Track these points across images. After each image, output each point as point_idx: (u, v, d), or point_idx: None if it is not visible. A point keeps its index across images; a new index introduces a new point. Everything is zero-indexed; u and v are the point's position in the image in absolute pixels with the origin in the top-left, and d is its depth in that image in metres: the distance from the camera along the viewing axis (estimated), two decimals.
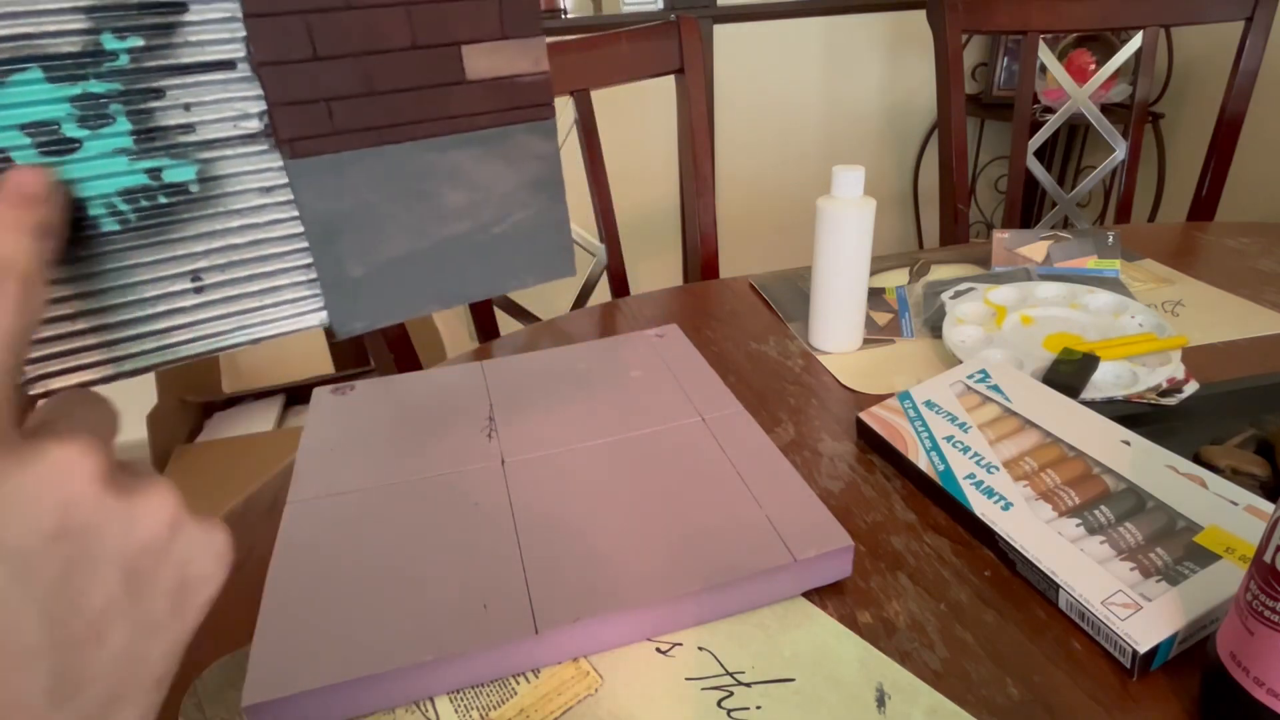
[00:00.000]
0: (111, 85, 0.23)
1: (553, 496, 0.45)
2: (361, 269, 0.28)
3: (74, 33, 0.22)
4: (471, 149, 0.29)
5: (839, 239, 0.62)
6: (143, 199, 0.24)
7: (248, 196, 0.26)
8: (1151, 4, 1.01)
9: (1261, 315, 0.70)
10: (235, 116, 0.25)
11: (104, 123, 0.23)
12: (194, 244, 0.25)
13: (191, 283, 0.26)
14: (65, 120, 0.23)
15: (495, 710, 0.36)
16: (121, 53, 0.23)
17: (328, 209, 0.27)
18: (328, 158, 0.26)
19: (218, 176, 0.25)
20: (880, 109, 2.12)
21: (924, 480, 0.48)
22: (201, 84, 0.24)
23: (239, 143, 0.25)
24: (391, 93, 0.27)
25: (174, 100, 0.24)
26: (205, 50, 0.24)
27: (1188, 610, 0.36)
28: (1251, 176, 1.67)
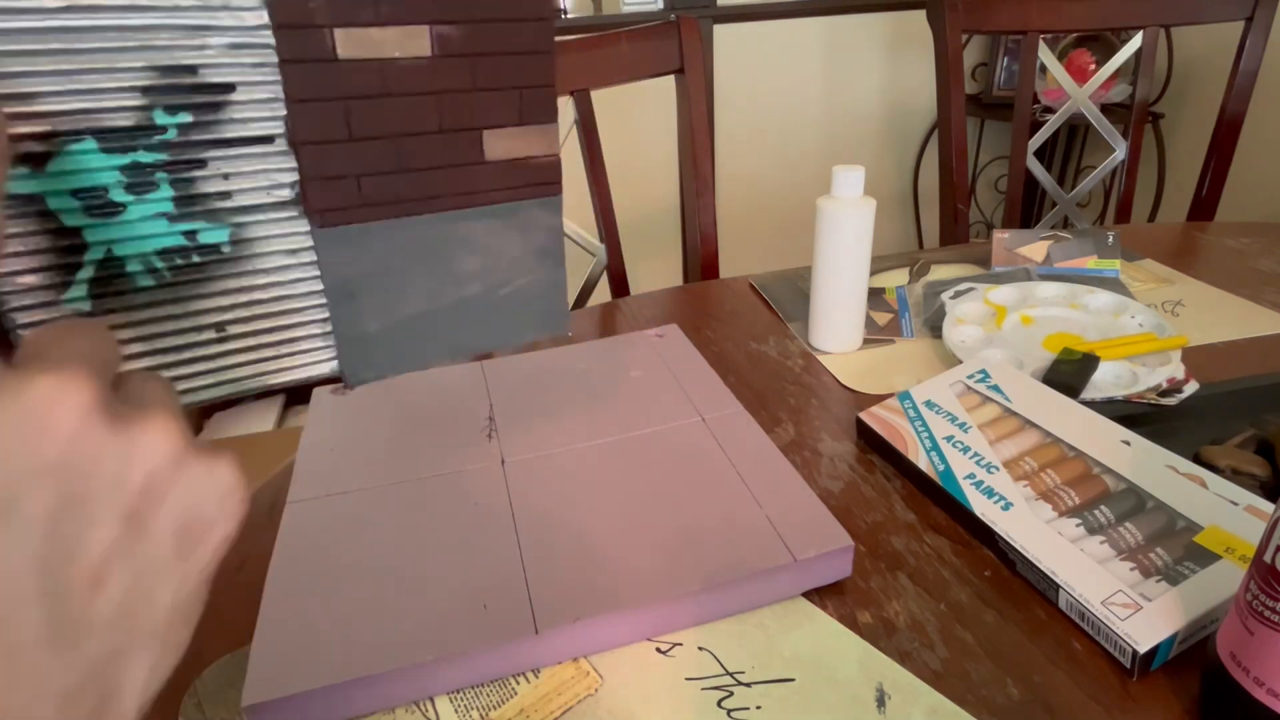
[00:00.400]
0: (159, 156, 0.25)
1: (553, 496, 0.45)
2: (377, 326, 0.30)
3: (129, 109, 0.24)
4: (486, 221, 0.31)
5: (839, 239, 0.62)
6: (178, 258, 0.26)
7: (275, 258, 0.28)
8: (1151, 4, 1.01)
9: (1261, 315, 0.70)
10: (269, 186, 0.27)
11: (148, 189, 0.25)
12: (221, 299, 0.27)
13: (215, 333, 0.27)
14: (114, 186, 0.25)
15: (495, 710, 0.36)
16: (171, 127, 0.25)
17: (349, 272, 0.29)
18: (354, 227, 0.28)
19: (249, 239, 0.27)
20: (880, 109, 2.12)
21: (924, 480, 0.48)
22: (241, 156, 0.26)
23: (271, 209, 0.27)
24: (417, 171, 0.29)
25: (214, 170, 0.26)
26: (247, 126, 0.26)
27: (1188, 610, 0.36)
28: (1251, 176, 1.67)
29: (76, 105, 0.23)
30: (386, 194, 0.29)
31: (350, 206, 0.28)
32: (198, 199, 0.26)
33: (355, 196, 0.28)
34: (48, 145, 0.23)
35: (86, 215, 0.24)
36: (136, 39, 0.24)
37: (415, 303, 0.30)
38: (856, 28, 1.99)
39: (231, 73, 0.25)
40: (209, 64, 0.25)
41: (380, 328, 0.30)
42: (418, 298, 0.30)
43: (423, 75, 0.28)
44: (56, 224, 0.24)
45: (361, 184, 0.28)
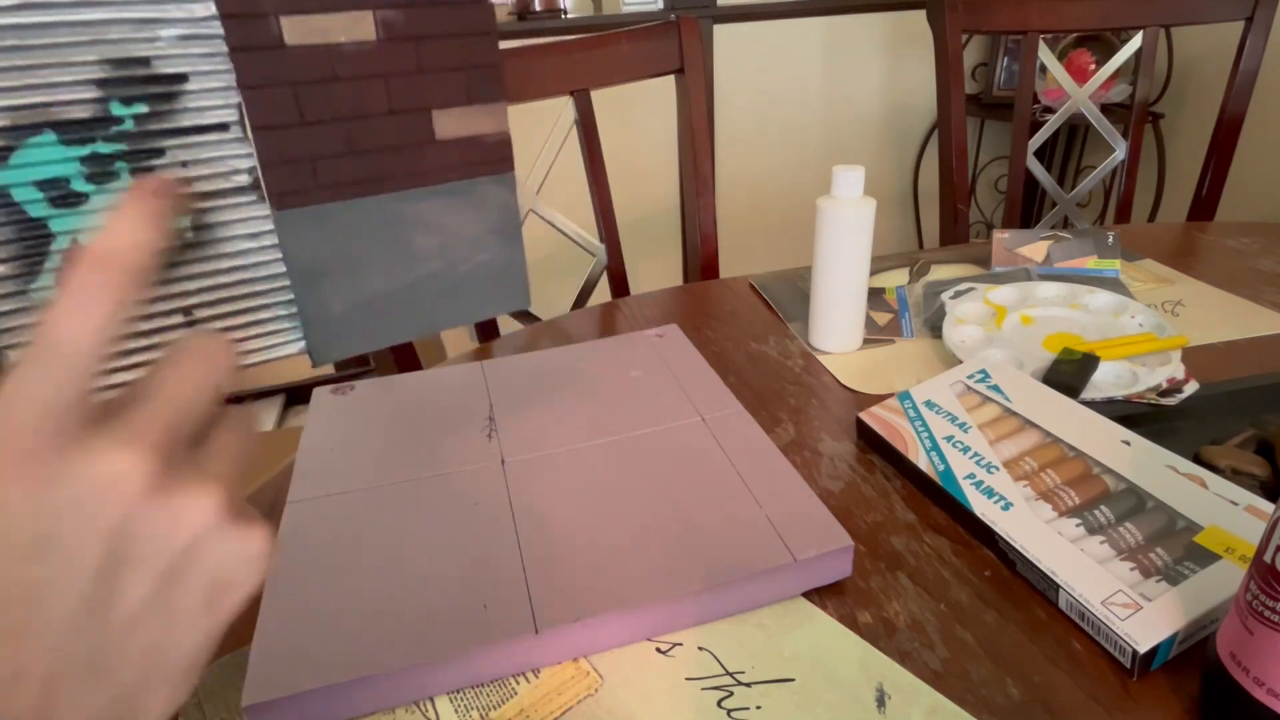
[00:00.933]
0: (117, 146, 0.26)
1: (553, 496, 0.45)
2: (341, 306, 0.31)
3: (86, 101, 0.25)
4: (440, 199, 0.32)
5: (839, 239, 0.62)
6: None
7: (237, 242, 0.28)
8: (1151, 4, 1.01)
9: (1261, 315, 0.70)
10: (227, 172, 0.28)
11: (109, 179, 0.26)
12: (187, 283, 0.28)
13: (183, 316, 0.28)
14: (75, 177, 0.25)
15: (495, 710, 0.36)
16: (128, 118, 0.26)
17: (310, 254, 0.29)
18: (311, 209, 0.29)
19: (210, 225, 0.28)
20: (880, 109, 2.12)
21: (924, 480, 0.48)
22: (198, 144, 0.27)
23: (230, 195, 0.28)
24: (370, 151, 0.30)
25: (173, 158, 0.27)
26: (202, 114, 0.27)
27: (1188, 610, 0.36)
28: (1251, 176, 1.67)
29: (34, 99, 0.24)
30: (341, 176, 0.29)
31: (306, 189, 0.29)
32: None
33: (310, 179, 0.29)
34: (8, 139, 0.24)
35: (50, 206, 0.25)
36: (89, 33, 0.24)
37: (376, 282, 0.31)
38: (856, 28, 1.99)
39: (183, 63, 0.26)
40: (161, 55, 0.26)
41: (344, 308, 0.31)
42: (378, 277, 0.31)
43: (369, 59, 0.29)
44: (22, 215, 0.25)
45: (316, 167, 0.29)
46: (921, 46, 2.04)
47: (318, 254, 0.30)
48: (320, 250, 0.30)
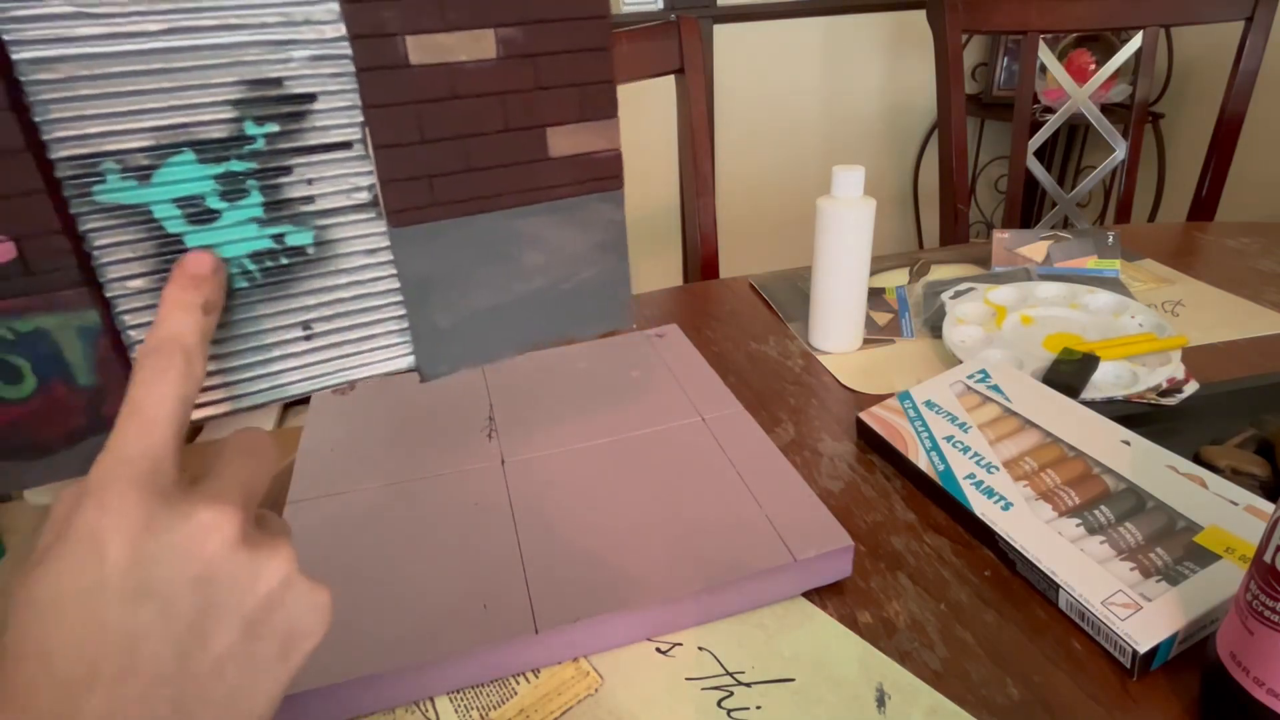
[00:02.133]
0: (249, 164, 0.27)
1: (553, 496, 0.45)
2: (449, 321, 0.31)
3: (222, 121, 0.26)
4: (550, 216, 0.32)
5: (839, 239, 0.62)
6: (268, 260, 0.28)
7: (355, 258, 0.30)
8: (1151, 4, 1.01)
9: (1261, 315, 0.70)
10: (349, 189, 0.29)
11: (241, 196, 0.27)
12: (307, 298, 0.29)
13: (302, 331, 0.29)
14: (209, 194, 0.27)
15: (495, 710, 0.36)
16: (259, 137, 0.27)
17: (423, 269, 0.30)
18: (426, 226, 0.30)
19: (331, 241, 0.29)
20: (880, 109, 2.12)
21: (924, 480, 0.48)
22: (323, 162, 0.28)
23: (350, 211, 0.29)
24: (485, 169, 0.30)
25: (299, 176, 0.28)
26: (327, 133, 0.28)
27: (1188, 610, 0.36)
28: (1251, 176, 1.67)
29: (177, 120, 0.26)
30: (456, 193, 0.30)
31: (423, 206, 0.30)
32: (284, 204, 0.28)
33: (427, 196, 0.30)
34: (151, 158, 0.26)
35: (187, 222, 0.27)
36: (229, 55, 0.26)
37: (484, 297, 0.32)
38: (856, 28, 1.99)
39: (313, 83, 0.27)
40: (293, 75, 0.27)
41: (452, 322, 0.32)
42: (486, 293, 0.32)
43: (488, 77, 0.29)
44: (161, 231, 0.26)
45: (433, 184, 0.30)
46: (921, 46, 2.04)
47: (430, 269, 0.31)
48: (432, 266, 0.31)
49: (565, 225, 0.32)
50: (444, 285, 0.31)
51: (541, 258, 0.32)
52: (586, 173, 0.32)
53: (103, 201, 0.25)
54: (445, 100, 0.29)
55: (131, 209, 0.26)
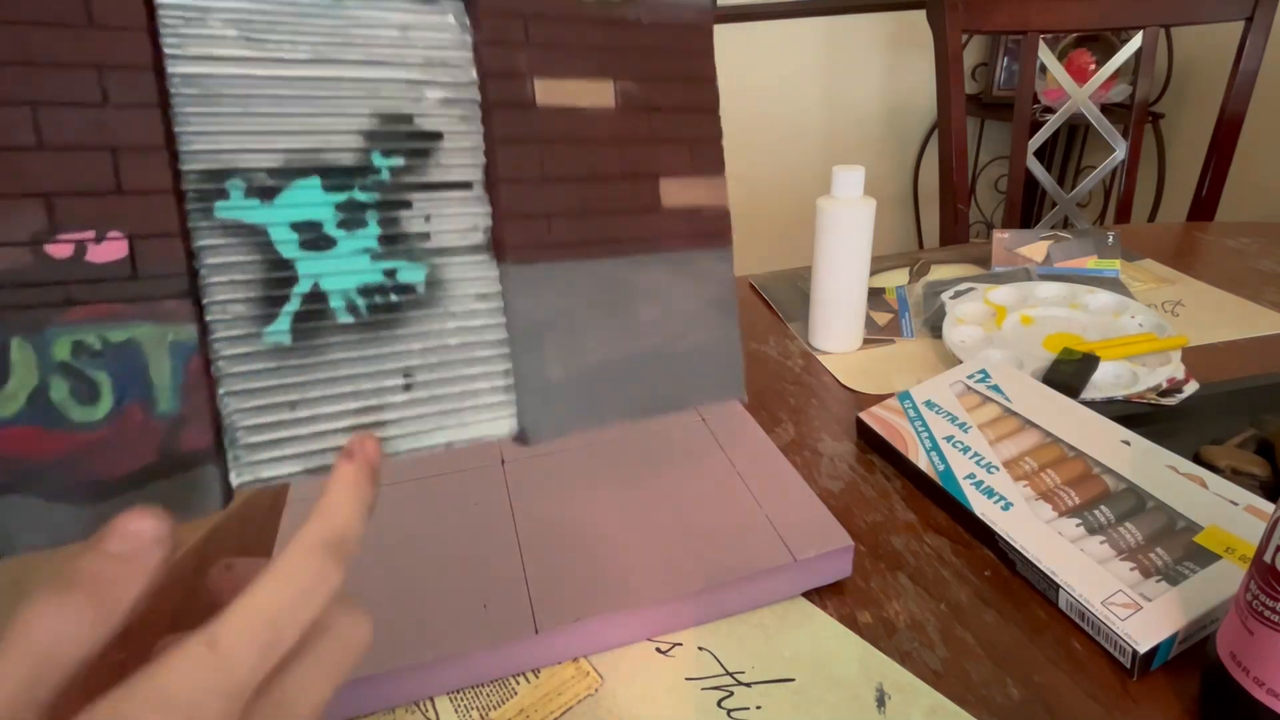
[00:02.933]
0: (372, 195, 0.27)
1: (553, 496, 0.45)
2: (560, 373, 0.30)
3: (352, 150, 0.26)
4: (663, 268, 0.32)
5: (839, 239, 0.62)
6: (377, 296, 0.27)
7: (465, 300, 0.29)
8: (1151, 4, 1.01)
9: (1261, 315, 0.70)
10: (465, 229, 0.29)
11: (359, 226, 0.27)
12: (412, 342, 0.28)
13: (403, 378, 0.28)
14: (328, 221, 0.26)
15: (495, 710, 0.36)
16: (385, 169, 0.27)
17: (536, 312, 0.30)
18: (541, 266, 0.30)
19: (442, 280, 0.28)
20: (880, 109, 2.12)
21: (924, 480, 0.48)
22: (443, 199, 0.28)
23: (465, 251, 0.29)
24: (601, 214, 0.31)
25: (418, 211, 0.28)
26: (450, 171, 0.28)
27: (1188, 610, 0.36)
28: (1251, 176, 1.67)
29: (309, 145, 0.26)
30: (573, 235, 0.30)
31: (541, 245, 0.30)
32: (400, 238, 0.28)
33: (546, 236, 0.30)
34: (279, 180, 0.26)
35: (301, 248, 0.26)
36: (366, 89, 0.26)
37: (595, 351, 0.31)
38: (856, 28, 1.99)
39: (441, 122, 0.28)
40: (423, 114, 0.27)
41: (562, 377, 0.31)
42: (598, 345, 0.31)
43: (607, 123, 0.30)
44: (274, 254, 0.26)
45: (551, 224, 0.30)
46: (921, 46, 2.04)
47: (543, 314, 0.30)
48: (545, 310, 0.30)
49: (678, 279, 0.32)
50: (556, 333, 0.30)
51: (655, 312, 0.32)
52: (697, 227, 0.33)
53: (222, 218, 0.25)
54: (567, 142, 0.30)
55: (249, 229, 0.25)
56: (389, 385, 0.28)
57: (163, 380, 0.24)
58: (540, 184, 0.29)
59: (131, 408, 0.24)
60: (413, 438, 0.28)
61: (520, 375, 0.30)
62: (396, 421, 0.28)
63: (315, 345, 0.26)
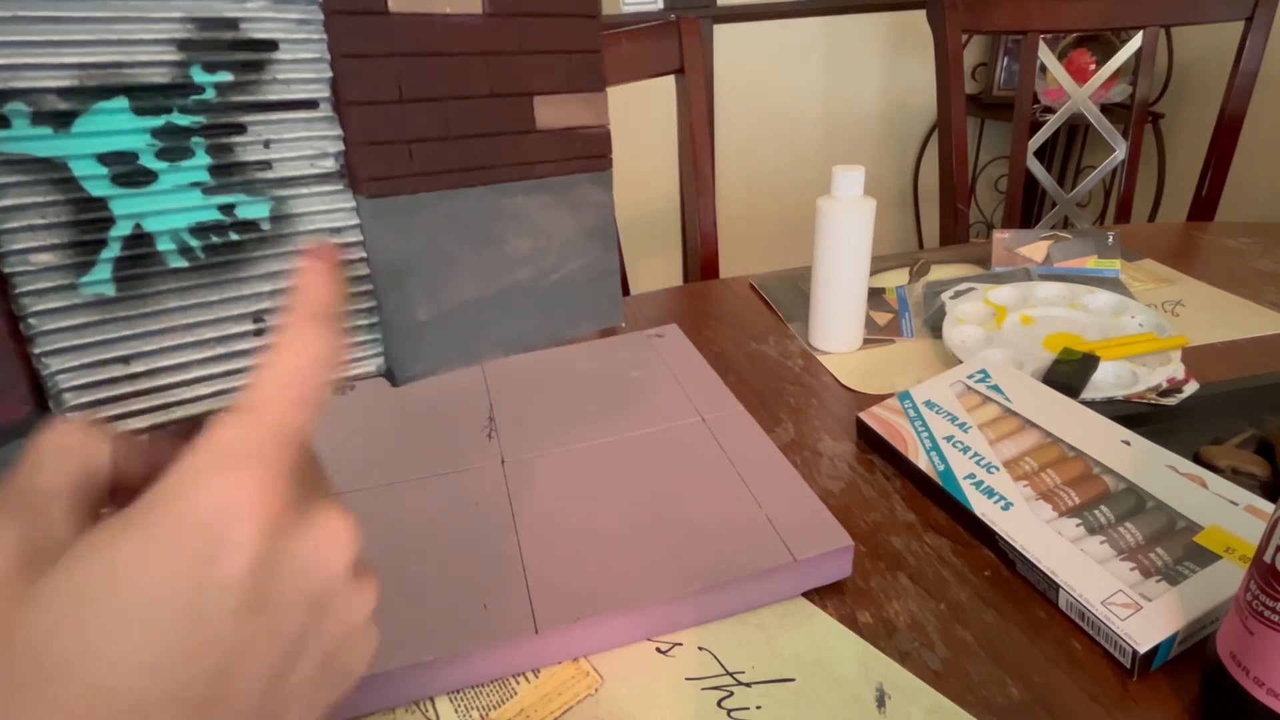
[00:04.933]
0: (195, 119, 0.23)
1: (553, 496, 0.45)
2: (428, 312, 0.28)
3: (165, 64, 0.22)
4: (537, 195, 0.29)
5: (839, 239, 0.62)
6: (214, 235, 0.24)
7: (317, 236, 0.26)
8: (1151, 4, 1.01)
9: (1261, 315, 0.70)
10: (313, 155, 0.25)
11: (183, 156, 0.23)
12: (260, 284, 0.25)
13: (254, 323, 0.25)
14: (144, 151, 0.22)
15: (495, 710, 0.36)
16: (209, 86, 0.23)
17: (399, 251, 0.27)
18: (403, 199, 0.26)
19: (290, 215, 0.25)
20: (880, 109, 2.12)
21: (924, 480, 0.48)
22: (283, 121, 0.24)
23: (314, 181, 0.25)
24: (468, 137, 0.27)
25: (255, 136, 0.24)
26: (290, 89, 0.24)
27: (1188, 610, 0.36)
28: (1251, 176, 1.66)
29: (108, 57, 0.21)
30: (437, 162, 0.27)
31: (400, 175, 0.26)
32: (236, 168, 0.24)
33: (405, 164, 0.26)
34: (74, 102, 0.21)
35: (114, 184, 0.22)
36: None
37: (466, 287, 0.29)
38: (856, 28, 1.99)
39: (275, 29, 0.24)
40: (252, 18, 0.23)
41: (430, 315, 0.28)
42: (469, 281, 0.29)
43: (472, 34, 0.26)
44: (80, 193, 0.22)
45: (412, 151, 0.26)
46: (921, 46, 2.04)
47: (406, 250, 0.27)
48: (410, 246, 0.27)
49: (553, 207, 0.29)
50: (422, 270, 0.27)
51: (528, 243, 0.29)
52: (575, 149, 0.29)
53: (7, 152, 0.21)
54: (426, 55, 0.26)
55: (44, 164, 0.21)
56: (238, 331, 0.25)
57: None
58: (397, 106, 0.25)
59: None
60: None
61: (385, 316, 0.27)
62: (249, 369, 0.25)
63: (145, 294, 0.23)
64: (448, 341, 0.29)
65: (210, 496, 0.18)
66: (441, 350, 0.29)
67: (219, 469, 0.18)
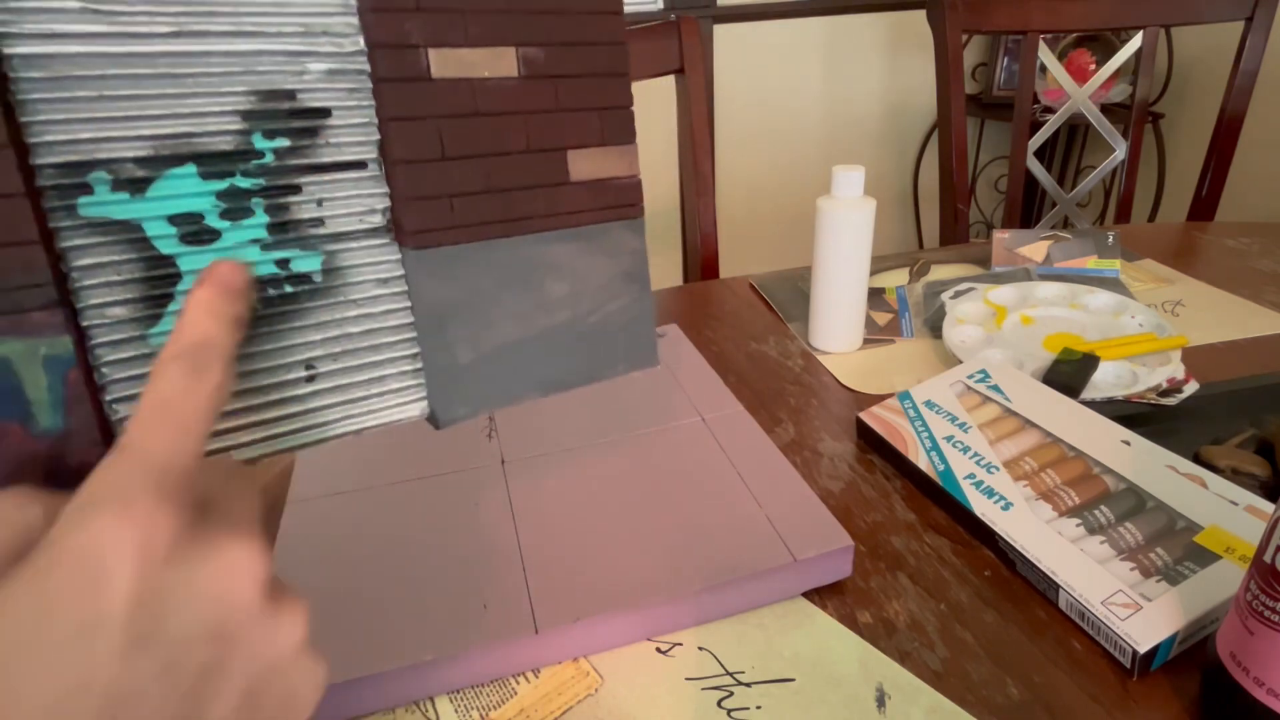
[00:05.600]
0: (256, 181, 0.25)
1: (553, 496, 0.45)
2: (469, 355, 0.29)
3: (229, 133, 0.24)
4: (572, 243, 0.31)
5: (839, 239, 0.62)
6: (270, 288, 0.26)
7: (366, 287, 0.27)
8: (1151, 4, 1.01)
9: (1261, 315, 0.70)
10: (362, 211, 0.27)
11: (244, 215, 0.25)
12: (312, 333, 0.27)
13: (305, 371, 0.27)
14: (209, 212, 0.24)
15: (495, 710, 0.36)
16: (269, 151, 0.25)
17: (441, 297, 0.28)
18: (446, 249, 0.28)
19: (340, 268, 0.27)
20: (880, 109, 2.12)
21: (924, 480, 0.48)
22: (335, 181, 0.26)
23: (363, 236, 0.27)
24: (506, 191, 0.29)
25: (309, 196, 0.26)
26: (342, 151, 0.26)
27: (1188, 610, 0.36)
28: (1251, 176, 1.66)
29: (179, 129, 0.24)
30: (477, 215, 0.28)
31: (443, 228, 0.28)
32: (291, 225, 0.26)
33: (448, 217, 0.28)
34: (149, 170, 0.23)
35: (182, 243, 0.24)
36: (240, 64, 0.24)
37: (505, 331, 0.30)
38: (856, 28, 1.99)
39: (328, 97, 0.26)
40: (307, 89, 0.25)
41: (471, 358, 0.29)
42: (507, 325, 0.30)
43: (510, 95, 0.28)
44: (152, 252, 0.24)
45: (454, 204, 0.28)
46: (921, 46, 2.04)
47: (449, 298, 0.28)
48: (451, 294, 0.28)
49: (588, 253, 0.31)
50: (463, 316, 0.29)
51: (565, 287, 0.31)
52: (608, 199, 0.31)
53: (89, 216, 0.23)
54: (467, 116, 0.28)
55: (121, 225, 0.23)
56: (291, 379, 0.26)
57: (39, 396, 0.22)
58: (439, 163, 0.27)
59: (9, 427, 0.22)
60: (320, 429, 0.27)
61: (428, 359, 0.29)
62: (301, 414, 0.27)
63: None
64: (489, 383, 0.30)
65: (87, 536, 0.17)
66: (483, 392, 0.30)
67: (96, 508, 0.18)
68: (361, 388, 0.28)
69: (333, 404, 0.27)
